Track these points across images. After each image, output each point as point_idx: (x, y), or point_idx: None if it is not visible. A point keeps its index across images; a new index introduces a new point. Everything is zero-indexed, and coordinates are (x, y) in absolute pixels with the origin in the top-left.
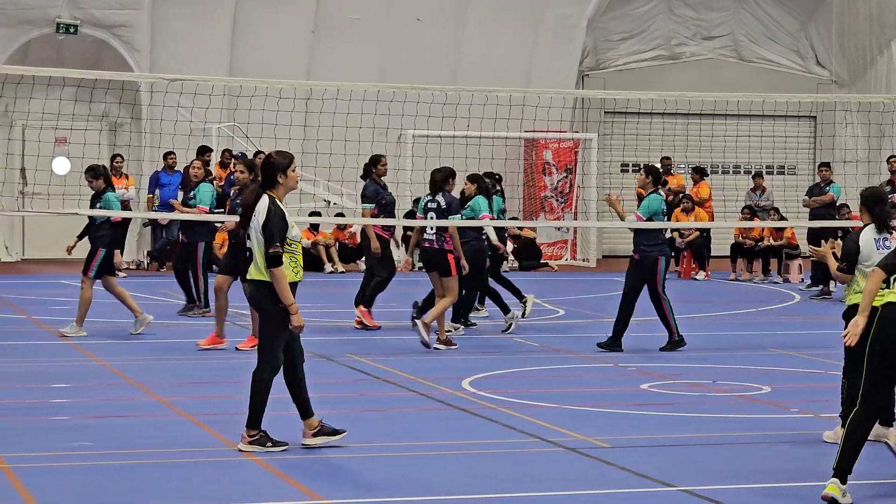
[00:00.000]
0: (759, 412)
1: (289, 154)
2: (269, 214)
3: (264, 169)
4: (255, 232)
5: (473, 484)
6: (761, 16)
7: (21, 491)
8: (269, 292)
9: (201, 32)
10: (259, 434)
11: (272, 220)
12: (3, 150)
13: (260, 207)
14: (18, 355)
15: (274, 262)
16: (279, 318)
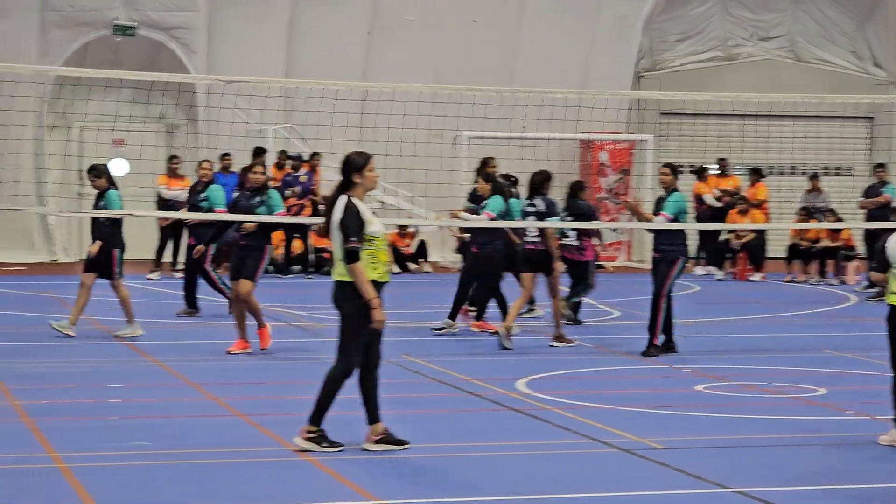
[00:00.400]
0: (814, 414)
1: (366, 154)
2: (346, 212)
3: (343, 169)
4: (335, 232)
5: (530, 485)
6: (818, 16)
7: (79, 490)
8: (350, 291)
9: (257, 34)
10: (318, 432)
11: (348, 217)
12: (60, 152)
13: (338, 207)
14: (75, 355)
15: (352, 258)
16: (358, 318)
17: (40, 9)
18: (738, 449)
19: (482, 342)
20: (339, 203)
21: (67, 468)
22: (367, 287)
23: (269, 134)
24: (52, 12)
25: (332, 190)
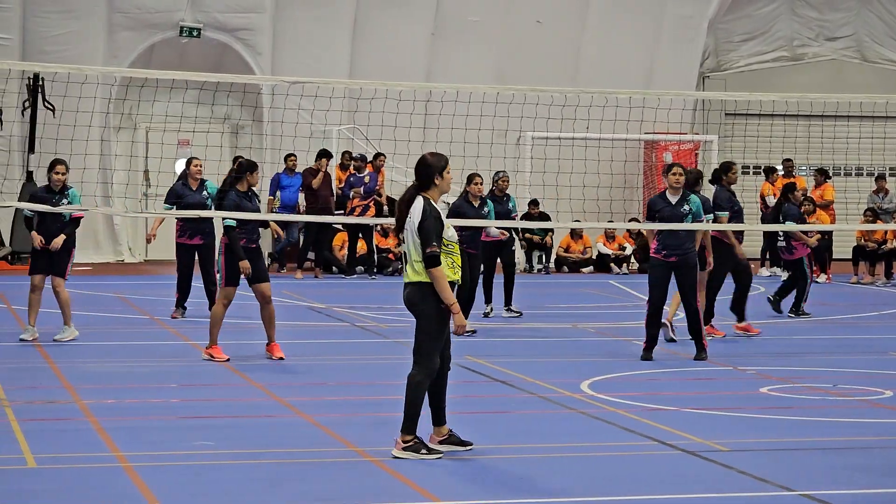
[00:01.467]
0: (881, 416)
1: (444, 156)
2: (425, 215)
3: (420, 170)
4: (410, 234)
5: (592, 486)
6: (885, 16)
7: (143, 490)
8: (428, 293)
9: (322, 35)
10: (414, 440)
11: (428, 221)
12: (126, 153)
13: (415, 209)
14: (141, 355)
15: (432, 263)
16: (437, 321)
17: (108, 11)
18: (803, 452)
19: (545, 343)
20: (417, 205)
21: (131, 467)
22: (448, 292)
23: (333, 134)
24: (119, 14)
25: (406, 191)
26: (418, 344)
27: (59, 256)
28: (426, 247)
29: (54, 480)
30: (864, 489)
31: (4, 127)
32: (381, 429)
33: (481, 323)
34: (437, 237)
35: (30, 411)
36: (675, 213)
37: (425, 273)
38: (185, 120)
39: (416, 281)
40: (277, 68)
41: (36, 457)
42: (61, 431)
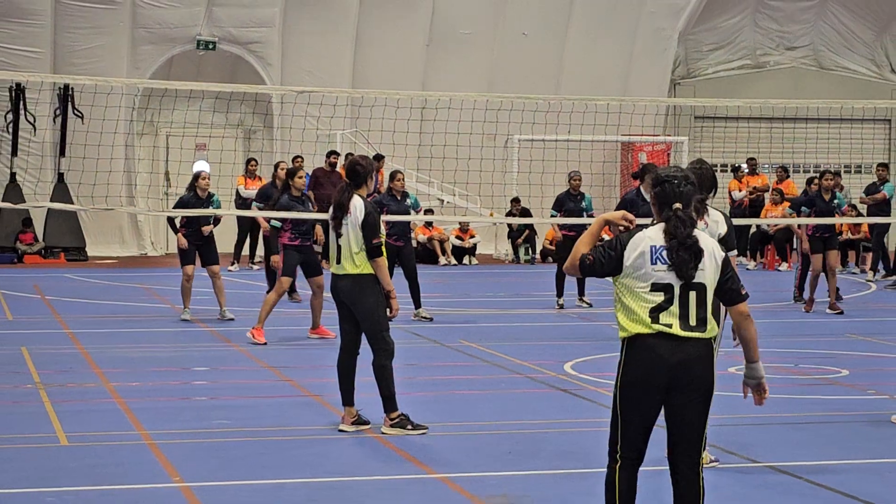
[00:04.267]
0: (838, 393)
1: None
2: (368, 211)
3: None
4: (350, 228)
5: (575, 458)
6: (839, 27)
7: (165, 465)
8: (366, 285)
9: (327, 48)
10: (400, 416)
11: (371, 216)
12: (149, 156)
13: (356, 206)
14: (163, 341)
15: (377, 253)
16: (378, 307)
17: (131, 27)
18: (768, 426)
19: (531, 328)
20: (357, 203)
21: (155, 444)
22: (389, 278)
23: (338, 138)
24: (141, 30)
25: (343, 191)
26: (370, 332)
27: (209, 249)
28: (372, 238)
29: (85, 457)
30: (824, 460)
31: (38, 133)
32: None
33: (469, 310)
34: (378, 230)
35: (62, 394)
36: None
37: (366, 264)
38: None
39: (353, 273)
40: (286, 78)
41: (68, 435)
42: (91, 412)
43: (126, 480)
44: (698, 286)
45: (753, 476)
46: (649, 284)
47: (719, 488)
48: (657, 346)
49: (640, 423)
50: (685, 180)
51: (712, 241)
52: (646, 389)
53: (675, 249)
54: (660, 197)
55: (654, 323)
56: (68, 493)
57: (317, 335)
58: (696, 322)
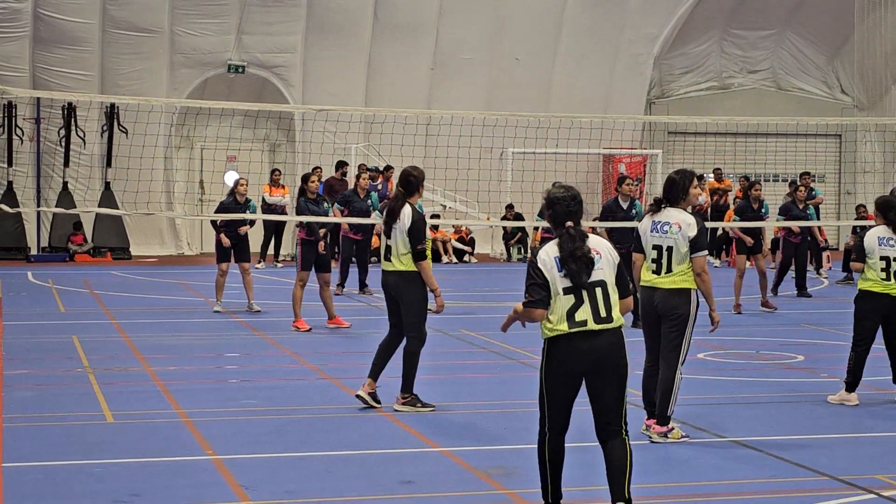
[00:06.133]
0: (795, 377)
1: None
2: (415, 219)
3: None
4: (399, 233)
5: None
6: (796, 54)
7: (199, 439)
8: (411, 280)
9: (343, 71)
10: (411, 396)
11: (417, 223)
12: (185, 167)
13: (404, 213)
14: (198, 330)
15: (421, 257)
16: (420, 301)
17: (169, 52)
18: (733, 405)
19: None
20: (406, 211)
21: (191, 422)
22: (433, 279)
23: (352, 151)
24: (179, 55)
25: (395, 199)
26: (408, 322)
27: (243, 248)
28: (417, 244)
29: (128, 432)
30: (782, 435)
31: (87, 147)
32: (393, 389)
33: (468, 303)
34: (423, 237)
35: (108, 377)
36: (627, 215)
37: (412, 264)
38: (233, 140)
39: (400, 270)
40: (307, 98)
41: (113, 413)
42: (134, 393)
43: (165, 454)
44: (601, 283)
45: (722, 450)
46: (561, 290)
47: (691, 460)
48: (575, 340)
49: (563, 403)
50: (573, 200)
51: (607, 244)
52: (566, 377)
53: (566, 261)
54: (553, 217)
55: (572, 325)
56: (113, 464)
57: (333, 325)
58: (605, 314)
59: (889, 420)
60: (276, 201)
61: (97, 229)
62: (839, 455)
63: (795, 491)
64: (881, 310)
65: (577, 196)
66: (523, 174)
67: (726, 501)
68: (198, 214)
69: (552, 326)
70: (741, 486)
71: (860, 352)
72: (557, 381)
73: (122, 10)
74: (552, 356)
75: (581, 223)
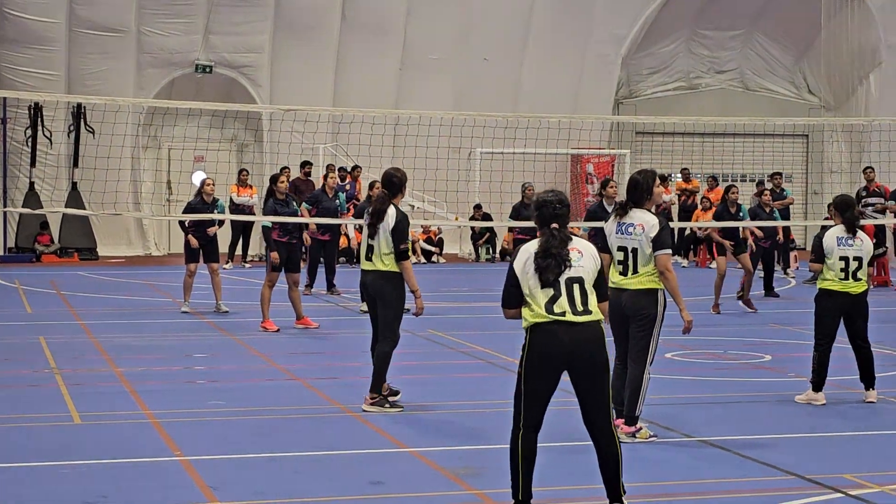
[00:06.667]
0: (762, 376)
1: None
2: (399, 219)
3: (390, 182)
4: (383, 232)
5: None
6: (763, 54)
7: (167, 440)
8: (392, 281)
9: (311, 71)
10: (380, 397)
11: (402, 223)
12: (153, 167)
13: (389, 213)
14: (166, 331)
15: (404, 256)
16: (398, 302)
17: (137, 52)
18: (701, 405)
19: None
20: (390, 211)
21: (158, 423)
22: (415, 279)
23: (320, 151)
24: (146, 55)
25: (380, 199)
26: (384, 321)
27: (212, 249)
28: (400, 243)
29: (96, 434)
30: (750, 435)
31: (53, 147)
32: (361, 390)
33: (436, 303)
34: (406, 237)
35: (76, 378)
36: None
37: (394, 263)
38: (200, 140)
39: (381, 270)
40: (275, 98)
41: (81, 414)
42: (101, 394)
43: (132, 455)
44: (579, 279)
45: (689, 449)
46: (538, 282)
47: (660, 460)
48: (554, 330)
49: (541, 396)
50: (560, 204)
51: (592, 247)
52: (546, 368)
53: (538, 256)
54: (539, 219)
55: (550, 313)
56: (81, 465)
57: (302, 325)
58: (583, 308)
59: (856, 419)
60: (244, 201)
61: (64, 230)
62: (807, 454)
63: (763, 490)
64: (841, 308)
65: (565, 200)
66: (491, 174)
67: (694, 501)
68: (165, 215)
69: (532, 315)
70: (709, 485)
71: (822, 351)
72: (536, 373)
73: (89, 10)
74: (532, 346)
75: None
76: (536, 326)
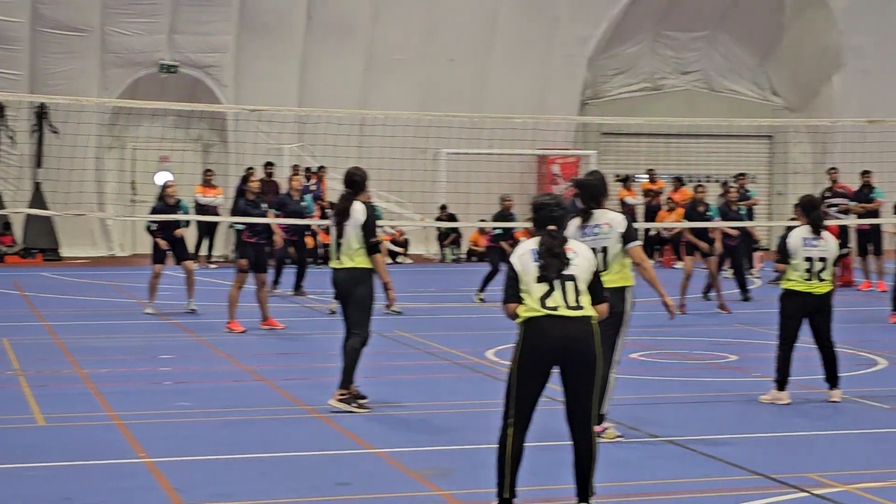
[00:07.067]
0: (728, 376)
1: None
2: (369, 214)
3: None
4: (352, 229)
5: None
6: (728, 55)
7: (132, 442)
8: (363, 277)
9: (276, 71)
10: (348, 394)
11: (371, 218)
12: (117, 167)
13: (357, 210)
14: (130, 332)
15: (376, 249)
16: (369, 298)
17: (101, 52)
18: (666, 405)
19: (458, 319)
20: (358, 207)
21: (123, 424)
22: (387, 271)
23: (285, 152)
24: (110, 54)
25: (346, 197)
26: (355, 319)
27: (182, 248)
28: (371, 237)
29: (60, 436)
30: (715, 434)
31: (17, 147)
32: (328, 391)
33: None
34: (375, 231)
35: (39, 379)
36: None
37: (363, 259)
38: (165, 140)
39: (350, 267)
40: (240, 98)
41: (45, 416)
42: (65, 395)
43: (97, 457)
44: (572, 277)
45: (655, 449)
46: (534, 277)
47: (625, 460)
48: (547, 324)
49: (530, 393)
50: (557, 206)
51: (586, 248)
52: (537, 363)
53: (544, 255)
54: (537, 220)
55: (544, 307)
56: (45, 468)
57: (267, 326)
58: (575, 304)
59: (820, 419)
60: (209, 202)
61: (27, 230)
62: (771, 454)
63: (728, 490)
64: (806, 308)
65: (562, 203)
66: (457, 175)
67: (660, 500)
68: (129, 215)
69: (526, 309)
70: (674, 485)
71: (785, 350)
72: (528, 367)
73: (53, 9)
74: (525, 339)
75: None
76: (530, 320)
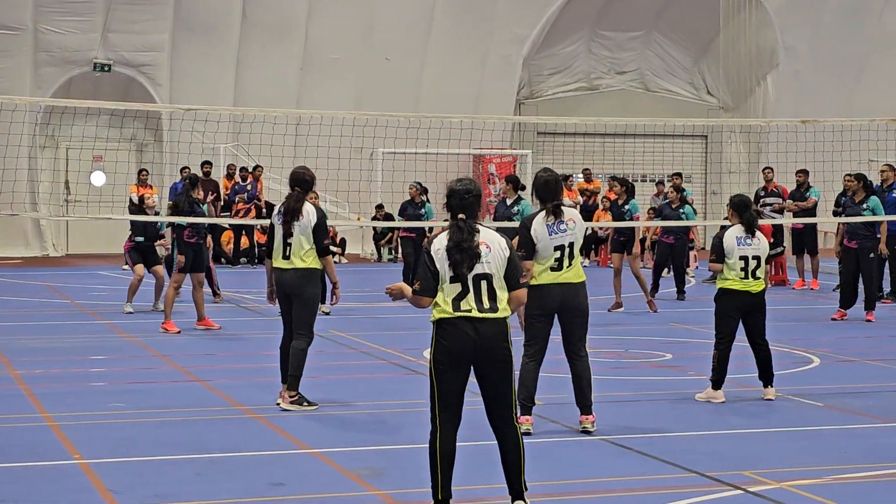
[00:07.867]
0: (664, 375)
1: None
2: (321, 216)
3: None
4: (302, 229)
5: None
6: (663, 55)
7: (66, 444)
8: (311, 278)
9: (211, 70)
10: (298, 395)
11: (323, 220)
12: (50, 167)
13: (308, 211)
14: (63, 333)
15: (327, 252)
16: (315, 299)
17: (33, 50)
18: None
19: (394, 319)
20: (309, 208)
21: (57, 426)
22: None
23: (221, 151)
24: (43, 52)
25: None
26: (301, 319)
27: (154, 255)
28: (323, 239)
29: None
30: (650, 433)
31: None
32: (263, 391)
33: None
34: (327, 233)
35: None
36: (507, 213)
37: (312, 260)
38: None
39: (299, 267)
40: (174, 97)
41: None
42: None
43: (31, 458)
44: (487, 276)
45: (590, 446)
46: (448, 278)
47: (561, 457)
48: (460, 325)
49: (452, 394)
50: (468, 194)
51: (499, 238)
52: (453, 362)
53: (451, 251)
54: (448, 208)
55: (456, 310)
56: None
57: (203, 326)
58: (489, 305)
59: (754, 417)
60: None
61: None
62: (706, 452)
63: (663, 488)
64: (742, 307)
65: (474, 190)
66: (393, 174)
67: (595, 498)
68: (63, 215)
69: (440, 309)
70: (609, 483)
71: (722, 349)
72: (444, 367)
73: None
74: (439, 339)
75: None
76: (443, 321)
